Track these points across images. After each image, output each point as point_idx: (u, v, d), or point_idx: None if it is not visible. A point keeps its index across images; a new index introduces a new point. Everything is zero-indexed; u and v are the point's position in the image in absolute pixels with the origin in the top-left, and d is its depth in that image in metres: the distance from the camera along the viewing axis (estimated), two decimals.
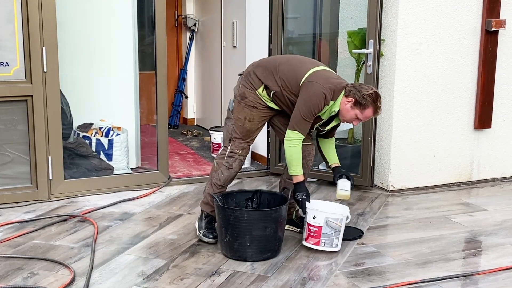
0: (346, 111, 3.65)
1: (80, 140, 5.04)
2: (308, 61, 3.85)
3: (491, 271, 3.50)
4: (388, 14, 4.81)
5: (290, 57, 3.88)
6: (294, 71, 3.70)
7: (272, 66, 3.76)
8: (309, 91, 3.59)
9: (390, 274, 3.44)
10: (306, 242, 3.73)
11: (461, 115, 5.13)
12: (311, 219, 3.68)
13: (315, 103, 3.59)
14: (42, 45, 4.44)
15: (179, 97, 7.67)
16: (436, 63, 4.95)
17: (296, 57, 3.91)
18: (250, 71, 3.82)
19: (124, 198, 4.69)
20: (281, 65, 3.75)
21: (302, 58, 3.89)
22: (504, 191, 5.15)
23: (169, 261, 3.55)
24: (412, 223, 4.31)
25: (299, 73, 3.67)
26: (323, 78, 3.65)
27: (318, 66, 3.75)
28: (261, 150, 5.62)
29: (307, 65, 3.73)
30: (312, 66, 3.72)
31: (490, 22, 4.96)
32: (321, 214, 3.66)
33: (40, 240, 3.84)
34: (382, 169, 5.04)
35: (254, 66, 3.83)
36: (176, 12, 7.69)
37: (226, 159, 3.83)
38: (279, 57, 3.93)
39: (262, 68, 3.78)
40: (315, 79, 3.62)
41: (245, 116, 3.79)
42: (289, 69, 3.72)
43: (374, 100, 3.62)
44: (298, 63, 3.76)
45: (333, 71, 3.84)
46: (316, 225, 3.67)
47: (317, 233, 3.67)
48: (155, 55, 4.88)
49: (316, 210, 3.68)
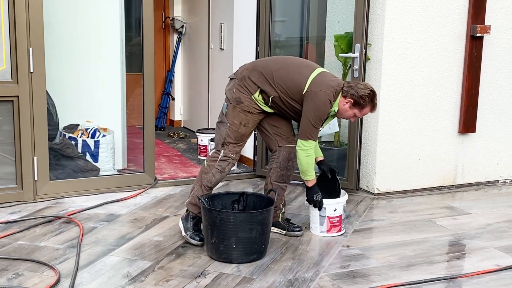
0: (345, 111, 3.79)
1: (66, 141, 5.03)
2: (302, 65, 3.89)
3: (474, 274, 3.54)
4: (375, 18, 4.84)
5: (283, 62, 3.91)
6: (293, 79, 3.76)
7: (267, 73, 3.79)
8: (316, 101, 3.69)
9: (375, 276, 3.47)
10: (329, 233, 4.04)
11: (446, 120, 5.18)
12: (332, 212, 4.01)
13: (323, 111, 3.71)
14: (29, 46, 4.42)
15: (166, 99, 7.67)
16: (422, 68, 4.99)
17: (288, 61, 3.94)
18: (245, 76, 3.82)
19: (110, 199, 4.68)
20: (277, 71, 3.79)
21: (296, 62, 3.93)
22: (487, 195, 5.20)
23: (155, 263, 3.55)
24: (397, 226, 4.34)
25: (300, 81, 3.75)
26: (324, 83, 3.73)
27: (314, 71, 3.80)
28: (247, 152, 5.63)
29: (304, 72, 3.79)
30: (309, 72, 3.78)
31: (475, 27, 5.02)
32: (340, 205, 4.04)
33: (25, 241, 3.82)
34: (368, 172, 5.07)
35: (249, 71, 3.84)
36: (164, 14, 7.69)
37: (219, 163, 3.85)
38: (272, 61, 3.93)
39: (257, 73, 3.80)
40: (317, 87, 3.71)
41: (241, 121, 3.82)
42: (287, 76, 3.77)
43: (372, 99, 3.76)
44: (295, 68, 3.81)
45: (326, 71, 3.91)
46: (337, 215, 4.04)
47: (339, 222, 4.07)
48: (142, 56, 4.88)
49: (337, 203, 4.02)
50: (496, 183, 5.51)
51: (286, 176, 4.01)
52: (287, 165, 3.97)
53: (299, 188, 5.12)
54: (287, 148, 3.96)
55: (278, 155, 3.98)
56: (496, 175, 5.50)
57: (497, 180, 5.52)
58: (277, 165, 3.98)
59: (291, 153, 3.95)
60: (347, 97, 3.73)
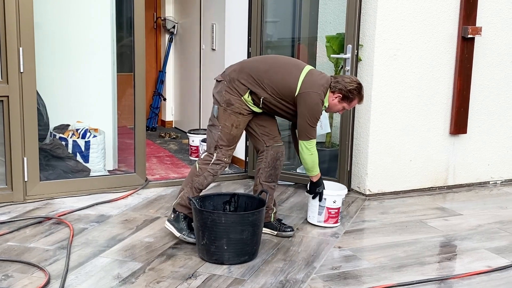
0: (334, 105, 3.90)
1: (57, 142, 5.00)
2: (290, 64, 3.92)
3: (465, 275, 3.55)
4: (366, 19, 4.85)
5: (271, 62, 3.92)
6: (283, 81, 3.79)
7: (256, 74, 3.80)
8: (309, 102, 3.77)
9: (366, 277, 3.47)
10: (326, 223, 4.22)
11: (437, 121, 5.19)
12: (332, 203, 4.18)
13: (317, 110, 3.80)
14: (19, 45, 4.39)
15: (157, 99, 7.65)
16: (413, 69, 5.00)
17: (276, 60, 3.96)
18: (234, 78, 3.82)
19: (101, 200, 4.66)
20: (267, 73, 3.81)
21: (284, 61, 3.95)
22: (478, 196, 5.21)
23: (145, 264, 3.53)
24: (388, 227, 4.35)
25: (290, 82, 3.79)
26: (315, 83, 3.80)
27: (302, 70, 3.83)
28: (239, 153, 5.62)
29: (293, 72, 3.82)
30: (299, 73, 3.82)
31: (466, 29, 5.03)
32: (340, 197, 4.22)
33: (14, 242, 3.80)
34: (359, 173, 5.07)
35: (237, 72, 3.83)
36: (155, 14, 7.66)
37: (211, 166, 3.84)
38: (260, 62, 3.92)
39: (246, 74, 3.81)
40: (309, 88, 3.77)
41: (232, 123, 3.82)
42: (276, 78, 3.80)
43: (359, 91, 3.88)
44: (284, 69, 3.84)
45: (313, 68, 3.95)
46: (336, 207, 4.22)
47: (337, 214, 4.25)
48: (133, 56, 4.85)
49: (337, 195, 4.20)
50: (487, 184, 5.52)
51: (275, 175, 4.03)
52: (275, 165, 4.00)
53: (290, 189, 5.11)
54: (275, 147, 3.99)
55: (266, 155, 3.99)
56: (487, 176, 5.52)
57: (488, 181, 5.53)
58: (265, 165, 3.98)
59: (279, 152, 4.00)
60: (335, 93, 3.84)
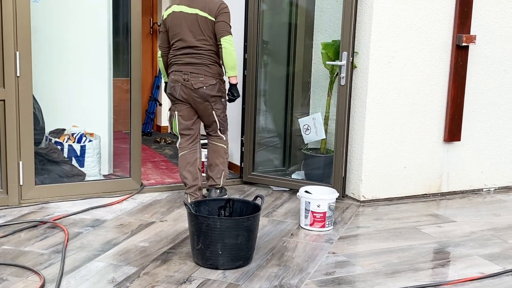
0: None
1: (52, 146, 5.01)
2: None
3: (458, 281, 3.56)
4: (362, 27, 4.88)
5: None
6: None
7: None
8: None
9: (360, 283, 3.48)
10: (312, 227, 4.28)
11: (431, 128, 5.22)
12: (316, 207, 4.24)
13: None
14: (16, 50, 4.40)
15: (153, 105, 7.66)
16: (408, 76, 5.03)
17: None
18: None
19: (96, 204, 4.66)
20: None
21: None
22: (472, 203, 5.24)
23: (140, 269, 3.54)
24: (382, 233, 4.37)
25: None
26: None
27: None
28: (234, 159, 5.64)
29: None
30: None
31: (461, 37, 5.07)
32: (324, 201, 4.25)
33: (9, 246, 3.80)
34: (354, 180, 5.09)
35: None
36: (152, 20, 7.69)
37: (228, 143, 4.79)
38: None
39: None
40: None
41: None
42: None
43: None
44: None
45: None
46: (321, 212, 4.26)
47: (322, 218, 4.28)
48: (129, 62, 4.87)
49: (320, 199, 4.24)
50: (480, 191, 5.55)
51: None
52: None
53: (285, 194, 5.13)
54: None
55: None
56: (480, 183, 5.55)
57: (481, 189, 5.56)
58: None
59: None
60: None
